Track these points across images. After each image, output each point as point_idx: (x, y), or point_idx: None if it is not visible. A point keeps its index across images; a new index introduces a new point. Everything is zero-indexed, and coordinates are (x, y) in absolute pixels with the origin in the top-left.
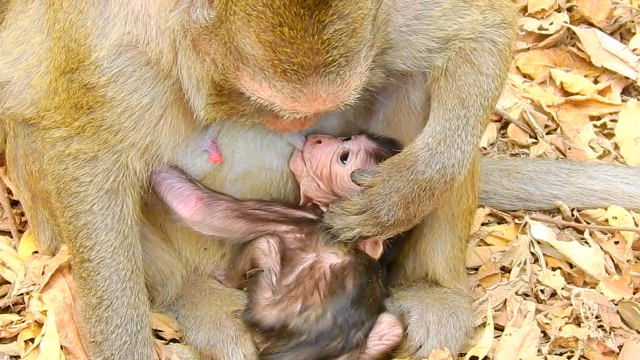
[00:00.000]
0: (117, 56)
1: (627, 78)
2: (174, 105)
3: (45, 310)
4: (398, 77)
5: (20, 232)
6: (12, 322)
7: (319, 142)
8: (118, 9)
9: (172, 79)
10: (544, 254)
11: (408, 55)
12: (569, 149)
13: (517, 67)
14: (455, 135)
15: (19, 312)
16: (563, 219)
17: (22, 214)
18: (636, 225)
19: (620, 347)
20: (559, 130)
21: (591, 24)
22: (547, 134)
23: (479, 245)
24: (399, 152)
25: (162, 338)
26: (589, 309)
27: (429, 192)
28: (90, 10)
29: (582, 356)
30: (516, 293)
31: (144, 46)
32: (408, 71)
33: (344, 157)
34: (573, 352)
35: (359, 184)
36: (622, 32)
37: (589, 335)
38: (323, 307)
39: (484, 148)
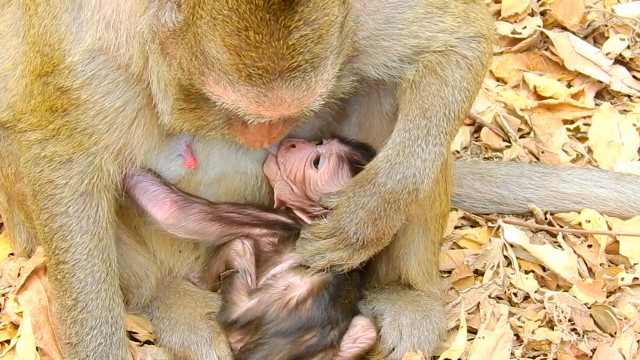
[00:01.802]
0: (90, 60)
1: (601, 82)
2: (147, 109)
3: (21, 312)
4: (370, 83)
5: None
6: None
7: (293, 146)
8: (91, 15)
9: (144, 83)
10: (517, 257)
11: (380, 62)
12: (542, 152)
13: (491, 71)
14: (415, 145)
15: None
16: (536, 222)
17: None
18: (609, 228)
19: (593, 350)
20: (532, 134)
21: (564, 28)
22: (520, 137)
23: (452, 249)
24: (371, 156)
25: (136, 340)
26: (562, 312)
27: (394, 204)
28: (63, 16)
29: (555, 359)
30: (489, 296)
31: (115, 51)
32: (380, 79)
33: (317, 162)
34: (546, 355)
35: (326, 208)
36: (595, 36)
37: (562, 339)
38: (302, 298)
39: (457, 151)
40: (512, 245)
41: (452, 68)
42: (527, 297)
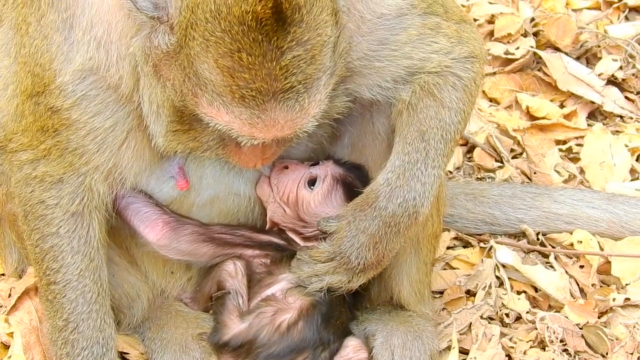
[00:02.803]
0: (81, 80)
1: (593, 102)
2: (138, 129)
3: (12, 332)
4: (364, 104)
5: None
6: None
7: (286, 167)
8: (82, 35)
9: (134, 104)
10: (509, 278)
11: (374, 83)
12: (535, 173)
13: (484, 91)
14: (415, 168)
15: None
16: (528, 243)
17: None
18: (601, 249)
19: None
20: (524, 155)
21: (557, 49)
22: (512, 158)
23: (444, 269)
24: (365, 177)
25: None
26: (554, 332)
27: (395, 227)
28: (54, 36)
29: None
30: (481, 317)
31: (105, 71)
32: (374, 100)
33: (311, 183)
34: None
35: (324, 232)
36: (588, 57)
37: (553, 359)
38: (293, 320)
39: (450, 172)
40: (504, 266)
41: (449, 89)
42: (519, 318)
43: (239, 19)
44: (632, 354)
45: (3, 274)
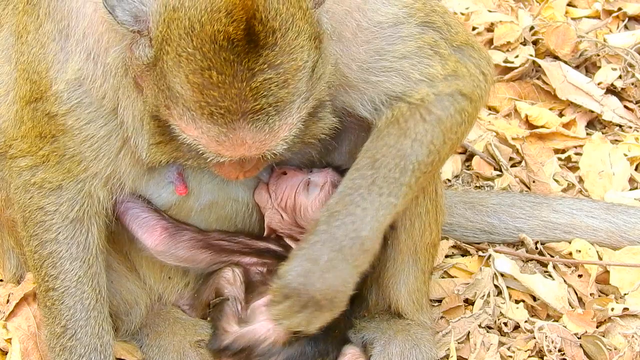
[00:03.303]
0: (75, 89)
1: (592, 111)
2: None
3: (10, 339)
4: (358, 120)
5: None
6: None
7: (285, 173)
8: (75, 45)
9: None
10: (507, 287)
11: (368, 99)
12: (534, 182)
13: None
14: (356, 193)
15: None
16: (527, 252)
17: None
18: (600, 258)
19: None
20: (523, 163)
21: (556, 57)
22: (511, 166)
23: (443, 277)
24: None
25: None
26: (552, 342)
27: (339, 254)
28: (51, 45)
29: None
30: (479, 325)
31: (91, 83)
32: (365, 119)
33: (309, 189)
34: None
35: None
36: (587, 66)
37: None
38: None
39: (448, 180)
40: (502, 275)
41: (415, 121)
42: (517, 327)
43: (211, 38)
44: None
45: (1, 280)
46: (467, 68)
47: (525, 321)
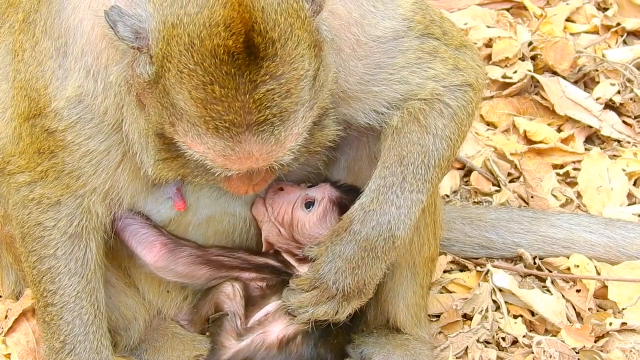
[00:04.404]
0: (75, 105)
1: (591, 127)
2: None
3: (9, 354)
4: (360, 129)
5: None
6: None
7: (281, 189)
8: (74, 63)
9: (122, 132)
10: (505, 302)
11: (370, 108)
12: (532, 197)
13: (481, 115)
14: (390, 192)
15: None
16: (525, 267)
17: None
18: (598, 273)
19: None
20: (521, 179)
21: (555, 73)
22: (510, 182)
23: (441, 293)
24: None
25: None
26: (550, 356)
27: (371, 252)
28: (48, 63)
29: None
30: (478, 340)
31: (92, 100)
32: (370, 125)
33: (307, 205)
34: None
35: (310, 258)
36: (585, 81)
37: None
38: (291, 335)
39: (447, 195)
40: (500, 290)
41: (434, 116)
42: (515, 342)
43: (211, 52)
44: None
45: (0, 296)
46: (466, 61)
47: (524, 336)
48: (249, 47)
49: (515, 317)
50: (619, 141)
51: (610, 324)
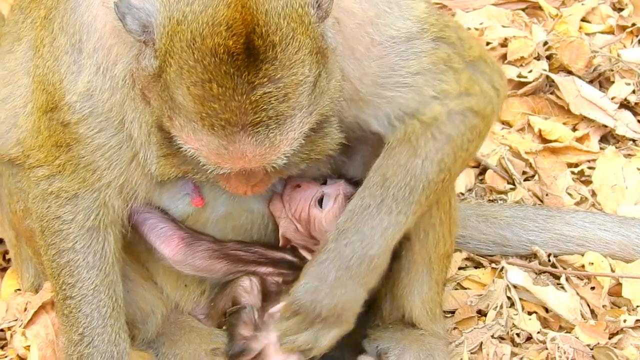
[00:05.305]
0: (87, 99)
1: (606, 126)
2: None
3: (29, 346)
4: (371, 133)
5: (4, 269)
6: None
7: (298, 186)
8: (87, 59)
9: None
10: (520, 299)
11: (383, 114)
12: (547, 195)
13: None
14: (365, 212)
15: (1, 348)
16: (540, 264)
17: (6, 252)
18: (612, 271)
19: None
20: (536, 177)
21: (570, 72)
22: (524, 180)
23: (456, 289)
24: None
25: None
26: (565, 353)
27: (347, 272)
28: (64, 58)
29: None
30: (492, 336)
31: (100, 95)
32: (380, 133)
33: (323, 202)
34: None
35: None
36: (601, 81)
37: None
38: None
39: (462, 193)
40: (515, 287)
41: (426, 140)
42: (529, 338)
43: (212, 51)
44: None
45: (20, 289)
46: (480, 85)
47: (538, 332)
48: (249, 49)
49: (529, 313)
50: (633, 140)
51: (625, 321)
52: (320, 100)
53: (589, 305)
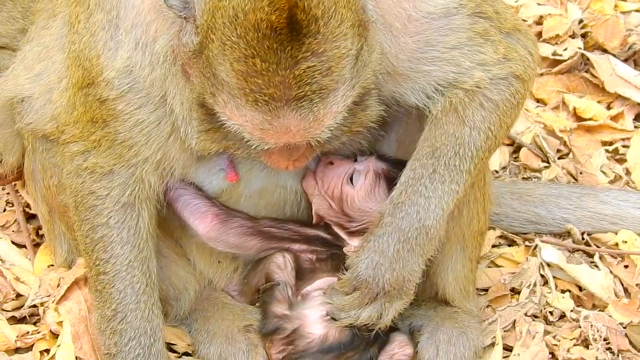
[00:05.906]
0: (126, 76)
1: None
2: None
3: (61, 322)
4: (408, 108)
5: (37, 245)
6: (27, 332)
7: (331, 163)
8: (124, 35)
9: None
10: (553, 277)
11: (419, 88)
12: (581, 173)
13: (531, 92)
14: (418, 184)
15: (34, 323)
16: (573, 242)
17: (39, 228)
18: None
19: None
20: (570, 155)
21: (605, 50)
22: (559, 158)
23: (489, 267)
24: None
25: (174, 351)
26: (598, 331)
27: (405, 244)
28: (101, 34)
29: None
30: (525, 314)
31: (140, 71)
32: (417, 106)
33: (354, 179)
34: None
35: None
36: (635, 59)
37: (597, 357)
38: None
39: (496, 171)
40: (549, 265)
41: (474, 108)
42: (562, 316)
43: (254, 26)
44: None
45: (52, 265)
46: (517, 51)
47: (571, 310)
48: (292, 23)
49: (563, 291)
50: None
51: None
52: (363, 73)
53: (622, 284)
